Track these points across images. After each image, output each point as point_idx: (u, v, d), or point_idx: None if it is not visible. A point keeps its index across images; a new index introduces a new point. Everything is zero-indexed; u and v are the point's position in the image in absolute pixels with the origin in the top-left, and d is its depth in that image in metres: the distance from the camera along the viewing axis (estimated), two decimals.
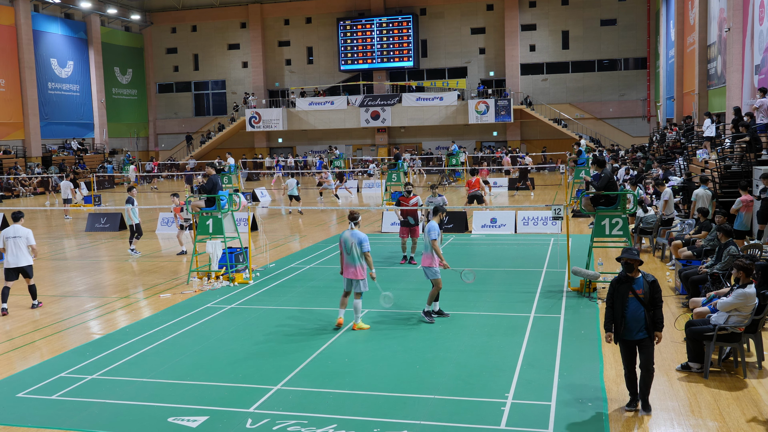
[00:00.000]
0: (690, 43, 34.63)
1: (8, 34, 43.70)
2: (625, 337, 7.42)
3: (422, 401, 7.92)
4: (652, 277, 7.47)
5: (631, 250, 7.54)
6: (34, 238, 12.79)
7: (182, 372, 9.13)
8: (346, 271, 10.65)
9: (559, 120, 48.93)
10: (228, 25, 55.14)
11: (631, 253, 7.48)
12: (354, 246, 10.51)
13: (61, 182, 29.23)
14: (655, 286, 7.42)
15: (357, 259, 10.53)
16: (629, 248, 7.56)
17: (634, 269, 7.47)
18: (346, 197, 33.41)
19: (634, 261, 7.46)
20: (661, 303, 7.40)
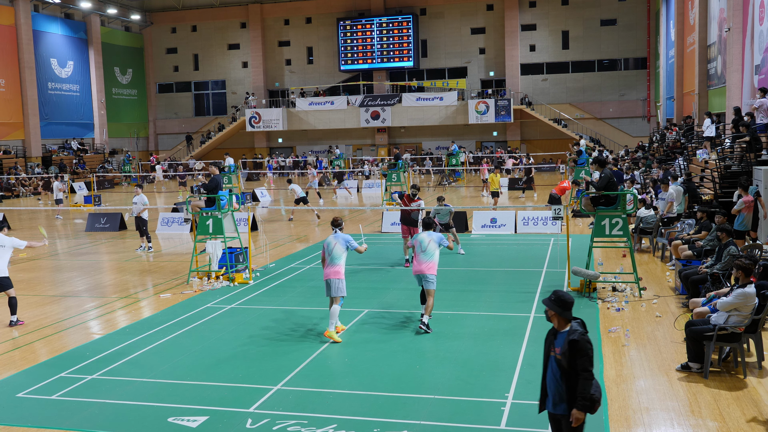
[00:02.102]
0: (690, 43, 34.63)
1: (8, 34, 43.70)
2: (547, 408, 5.78)
3: (422, 401, 7.91)
4: (578, 335, 5.50)
5: (553, 295, 5.68)
6: (20, 240, 12.23)
7: (182, 372, 9.13)
8: (327, 272, 10.35)
9: (559, 120, 48.93)
10: (228, 25, 55.14)
11: (548, 300, 5.69)
12: (337, 246, 10.36)
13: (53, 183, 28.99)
14: (575, 347, 5.46)
15: (336, 258, 10.33)
16: (556, 291, 5.71)
17: (554, 321, 5.69)
18: (346, 197, 33.41)
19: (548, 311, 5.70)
20: (587, 372, 5.45)
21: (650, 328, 10.52)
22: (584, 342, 5.46)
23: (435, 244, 10.67)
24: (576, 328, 5.55)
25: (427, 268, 10.54)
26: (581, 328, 5.57)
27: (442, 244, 10.75)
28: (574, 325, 5.58)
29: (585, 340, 5.47)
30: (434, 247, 10.65)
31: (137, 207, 18.81)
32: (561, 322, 5.64)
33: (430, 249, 10.63)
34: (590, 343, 5.48)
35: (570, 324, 5.61)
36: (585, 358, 5.44)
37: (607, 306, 11.78)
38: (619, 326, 10.56)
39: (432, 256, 10.58)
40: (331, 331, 10.19)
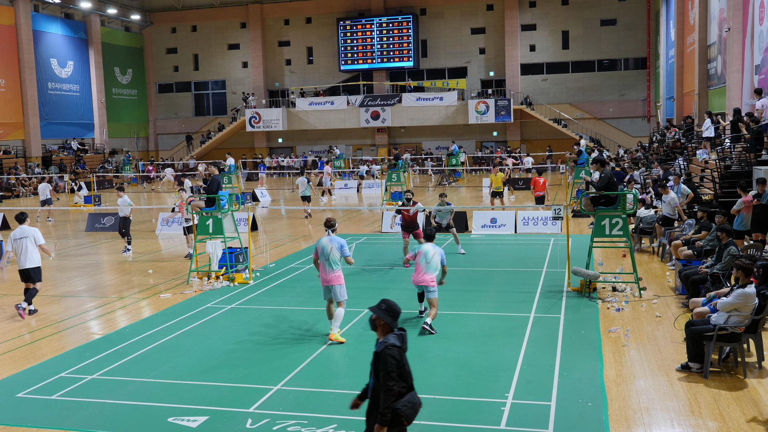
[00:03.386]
0: (690, 43, 34.63)
1: (8, 34, 43.71)
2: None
3: (422, 401, 7.89)
4: (382, 346, 5.32)
5: (383, 304, 5.52)
6: (42, 236, 12.52)
7: (182, 372, 9.13)
8: (327, 277, 10.15)
9: (559, 120, 48.93)
10: (228, 25, 55.15)
11: (377, 308, 5.50)
12: (333, 251, 10.12)
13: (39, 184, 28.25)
14: (376, 359, 5.30)
15: (334, 264, 10.11)
16: (385, 299, 5.57)
17: (378, 329, 5.50)
18: (346, 197, 33.42)
19: (376, 318, 5.52)
20: (386, 386, 5.24)
21: (650, 328, 10.52)
22: (385, 355, 5.24)
23: (438, 258, 10.90)
24: (386, 340, 5.35)
25: (431, 280, 10.75)
26: (396, 341, 5.35)
27: (443, 263, 11.00)
28: (390, 337, 5.38)
29: (387, 353, 5.24)
30: (437, 261, 10.86)
31: (125, 209, 18.79)
32: (384, 331, 5.46)
33: (434, 262, 10.83)
34: (394, 358, 5.25)
35: (387, 335, 5.42)
36: (384, 372, 5.22)
37: (607, 306, 11.78)
38: (619, 326, 10.55)
39: (436, 270, 10.83)
40: (335, 333, 10.14)
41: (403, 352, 5.40)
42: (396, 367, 5.25)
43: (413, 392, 5.45)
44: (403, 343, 5.41)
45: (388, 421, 5.24)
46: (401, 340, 5.40)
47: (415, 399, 5.43)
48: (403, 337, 5.46)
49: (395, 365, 5.24)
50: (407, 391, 5.39)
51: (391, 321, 5.45)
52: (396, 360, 5.26)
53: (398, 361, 5.27)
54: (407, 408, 5.33)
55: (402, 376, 5.31)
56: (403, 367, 5.34)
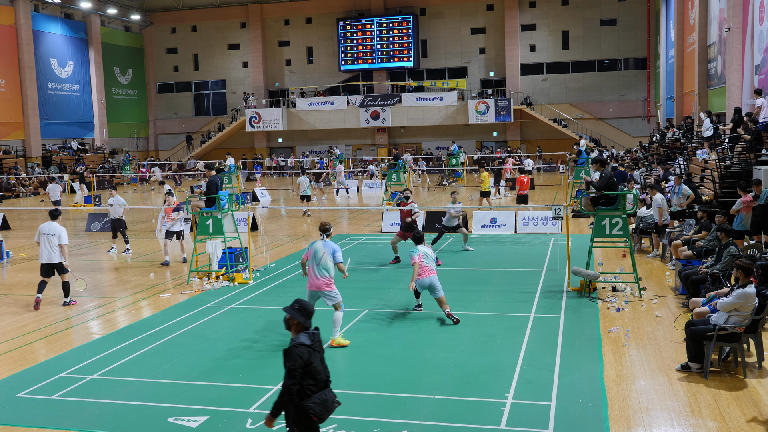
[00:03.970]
0: (690, 43, 34.63)
1: (8, 34, 43.71)
2: None
3: (422, 401, 7.91)
4: (291, 344, 5.55)
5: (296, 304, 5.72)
6: (67, 238, 12.94)
7: (182, 372, 9.13)
8: (316, 283, 9.90)
9: (559, 120, 48.93)
10: (228, 25, 55.15)
11: (290, 308, 5.71)
12: (325, 256, 9.89)
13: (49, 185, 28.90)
14: (284, 355, 5.52)
15: (324, 270, 9.87)
16: (298, 300, 5.80)
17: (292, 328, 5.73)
18: (346, 198, 33.44)
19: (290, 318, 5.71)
20: (286, 384, 5.46)
21: (650, 328, 10.52)
22: (292, 353, 5.44)
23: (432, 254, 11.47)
24: (297, 339, 5.53)
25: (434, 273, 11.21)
26: (306, 340, 5.53)
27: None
28: (302, 336, 5.56)
29: (295, 351, 5.43)
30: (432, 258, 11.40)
31: (118, 209, 18.70)
32: (297, 330, 5.66)
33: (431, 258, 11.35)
34: (301, 357, 5.43)
35: (299, 334, 5.60)
36: (287, 369, 5.44)
37: (607, 306, 11.78)
38: (619, 326, 10.56)
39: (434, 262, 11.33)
40: (336, 338, 9.98)
41: (314, 351, 5.55)
42: (301, 365, 5.44)
43: (327, 390, 5.60)
44: (314, 342, 5.56)
45: (278, 413, 5.50)
46: (312, 339, 5.56)
47: (327, 396, 5.57)
48: (316, 336, 5.62)
49: (301, 364, 5.43)
50: (318, 389, 5.55)
51: (303, 320, 5.63)
52: (302, 359, 5.44)
53: (305, 359, 5.45)
54: (317, 405, 5.48)
55: (310, 374, 5.49)
56: (312, 365, 5.49)
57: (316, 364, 5.53)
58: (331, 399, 5.62)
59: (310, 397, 5.48)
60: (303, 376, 5.48)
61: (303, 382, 5.49)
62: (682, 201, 16.46)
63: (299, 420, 5.49)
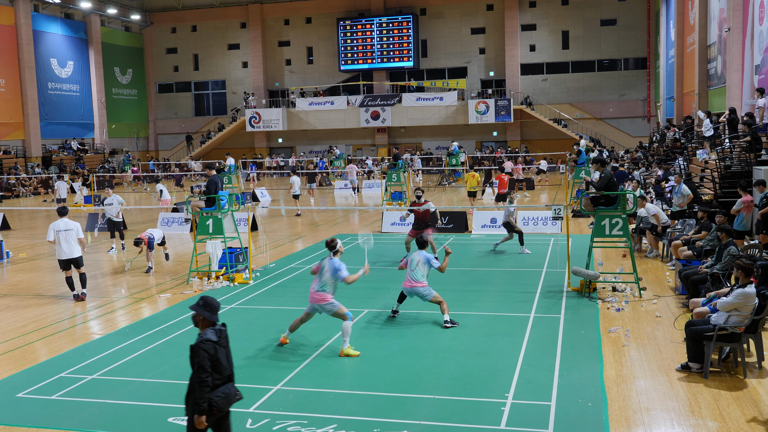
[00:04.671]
0: (690, 43, 34.63)
1: (8, 34, 43.71)
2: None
3: (422, 401, 7.91)
4: (198, 340, 5.69)
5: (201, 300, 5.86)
6: (81, 230, 13.34)
7: (182, 372, 9.12)
8: (316, 297, 9.76)
9: (559, 120, 48.94)
10: (228, 25, 55.15)
11: (196, 305, 5.83)
12: (328, 274, 9.70)
13: (56, 182, 29.44)
14: (191, 352, 5.67)
15: (327, 287, 9.72)
16: (204, 296, 5.91)
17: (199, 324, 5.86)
18: (346, 197, 33.43)
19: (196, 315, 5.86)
20: (200, 379, 5.62)
21: (650, 328, 10.52)
22: (199, 348, 5.62)
23: (423, 265, 11.05)
24: (204, 335, 5.71)
25: (420, 285, 10.93)
26: (213, 335, 5.71)
27: (432, 265, 11.04)
28: (208, 331, 5.74)
29: (201, 347, 5.61)
30: (423, 268, 11.03)
31: (116, 208, 18.74)
32: (204, 326, 5.82)
33: (419, 269, 11.00)
34: (207, 352, 5.61)
35: (206, 330, 5.78)
36: (197, 364, 5.61)
37: (607, 306, 11.78)
38: (619, 326, 10.56)
39: (424, 277, 10.99)
40: (346, 348, 9.58)
41: (220, 347, 5.75)
42: (209, 360, 5.63)
43: (230, 384, 5.87)
44: (220, 338, 5.77)
45: (204, 410, 5.65)
46: (218, 335, 5.77)
47: (229, 390, 5.83)
48: (222, 332, 5.84)
49: (208, 358, 5.62)
50: (222, 383, 5.79)
51: (209, 316, 5.80)
52: (209, 354, 5.64)
53: (212, 354, 5.65)
54: (220, 399, 5.72)
55: (216, 368, 5.70)
56: (218, 360, 5.70)
57: (222, 359, 5.75)
58: (233, 393, 5.86)
59: (214, 391, 5.71)
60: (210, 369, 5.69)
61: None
62: (682, 201, 16.46)
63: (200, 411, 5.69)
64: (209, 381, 5.64)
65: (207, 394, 5.64)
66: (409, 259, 11.23)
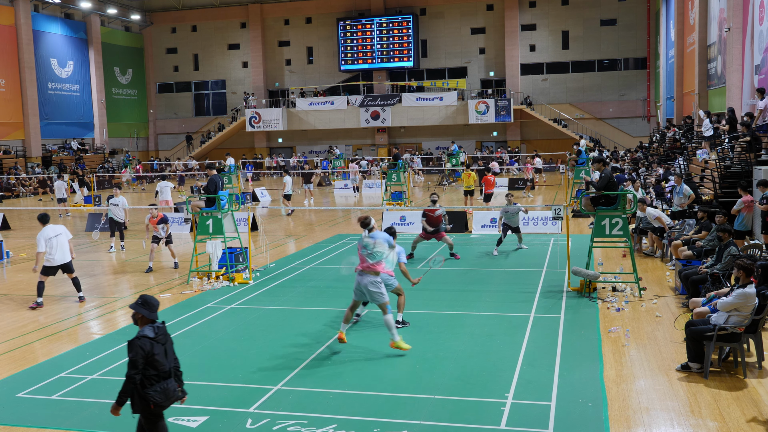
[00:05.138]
0: (690, 43, 34.63)
1: (8, 34, 43.71)
2: None
3: (422, 401, 7.91)
4: (136, 335, 5.87)
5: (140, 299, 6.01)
6: (69, 233, 13.15)
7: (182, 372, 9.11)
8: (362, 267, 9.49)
9: (559, 120, 48.94)
10: (228, 25, 55.16)
11: (135, 304, 5.98)
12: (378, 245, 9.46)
13: (55, 182, 29.48)
14: (128, 347, 5.82)
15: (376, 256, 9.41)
16: (143, 295, 6.06)
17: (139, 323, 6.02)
18: (347, 197, 33.44)
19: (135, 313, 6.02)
20: (128, 374, 5.79)
21: (650, 328, 10.52)
22: (134, 345, 5.77)
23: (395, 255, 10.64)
24: (142, 332, 5.87)
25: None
26: (150, 332, 5.87)
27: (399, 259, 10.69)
28: (146, 328, 5.90)
29: (136, 343, 5.77)
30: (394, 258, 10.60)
31: (120, 208, 18.83)
32: (143, 323, 5.98)
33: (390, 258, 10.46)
34: (143, 348, 5.77)
35: (145, 327, 5.93)
36: (129, 360, 5.77)
37: (607, 306, 11.78)
38: (619, 326, 10.56)
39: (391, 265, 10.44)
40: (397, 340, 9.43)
41: (157, 343, 5.88)
42: (143, 356, 5.78)
43: (169, 380, 5.97)
44: (157, 335, 5.91)
45: (123, 402, 5.89)
46: (156, 332, 5.91)
47: (169, 386, 5.95)
48: (160, 329, 5.98)
49: (142, 355, 5.77)
50: (160, 379, 5.90)
51: (148, 314, 5.95)
52: (144, 350, 5.78)
53: (147, 351, 5.79)
54: (157, 394, 5.86)
55: (152, 365, 5.84)
56: (154, 356, 5.83)
57: (159, 355, 5.86)
58: (172, 389, 5.98)
59: (152, 386, 5.84)
60: (146, 366, 5.81)
61: (145, 372, 5.82)
62: (683, 201, 16.46)
63: (142, 407, 5.89)
64: (137, 378, 5.79)
65: (132, 390, 5.81)
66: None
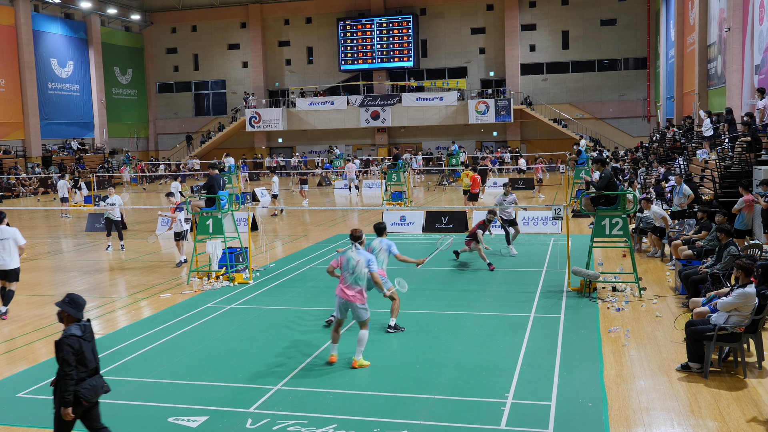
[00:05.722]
0: (690, 43, 34.63)
1: (8, 34, 43.71)
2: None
3: (422, 401, 7.91)
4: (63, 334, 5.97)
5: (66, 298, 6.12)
6: (21, 237, 12.14)
7: (182, 372, 9.13)
8: (343, 293, 9.06)
9: (559, 120, 48.94)
10: (228, 25, 55.16)
11: (62, 302, 6.10)
12: (360, 265, 9.06)
13: (58, 182, 29.55)
14: (56, 347, 5.92)
15: (359, 280, 9.05)
16: (69, 294, 6.16)
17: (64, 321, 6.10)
18: (346, 197, 33.45)
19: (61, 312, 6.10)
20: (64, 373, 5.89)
21: (650, 328, 10.52)
22: (62, 344, 5.88)
23: (386, 252, 10.78)
24: (68, 330, 5.96)
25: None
26: (77, 330, 5.97)
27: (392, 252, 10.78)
28: (73, 327, 6.00)
29: (65, 342, 5.87)
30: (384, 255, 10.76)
31: (116, 208, 18.85)
32: (69, 322, 6.07)
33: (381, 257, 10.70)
34: (71, 346, 5.88)
35: (71, 325, 6.02)
36: (61, 359, 5.88)
37: (607, 306, 11.78)
38: (619, 326, 10.55)
39: (383, 265, 10.69)
40: (359, 358, 9.12)
41: (85, 341, 6.01)
42: (73, 354, 5.89)
43: (97, 376, 6.14)
44: (84, 333, 6.03)
45: (69, 402, 5.92)
46: (83, 330, 6.02)
47: (96, 382, 6.11)
48: (87, 327, 6.09)
49: (72, 353, 5.88)
50: (89, 376, 6.05)
51: (74, 312, 6.07)
52: (73, 348, 5.90)
53: (76, 349, 5.91)
54: (87, 390, 6.00)
55: (81, 362, 5.96)
56: (83, 354, 5.96)
57: (87, 352, 5.99)
58: (99, 385, 6.14)
59: (81, 383, 5.97)
60: (75, 364, 5.93)
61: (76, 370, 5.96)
62: (683, 201, 16.45)
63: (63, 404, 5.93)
64: (74, 374, 5.90)
65: (72, 387, 5.89)
66: (370, 247, 10.75)
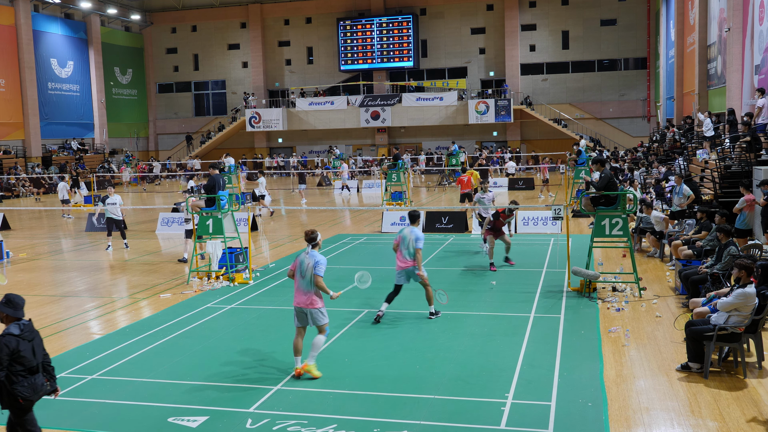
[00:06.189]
0: (690, 43, 34.63)
1: (8, 34, 43.71)
2: None
3: (422, 401, 7.91)
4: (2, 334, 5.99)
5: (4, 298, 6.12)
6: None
7: (182, 372, 9.13)
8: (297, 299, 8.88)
9: (559, 120, 48.95)
10: (228, 25, 55.16)
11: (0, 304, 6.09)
12: (310, 268, 8.87)
13: (58, 183, 29.54)
14: None
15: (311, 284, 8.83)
16: (7, 294, 6.16)
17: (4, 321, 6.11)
18: (346, 197, 33.45)
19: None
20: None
21: (650, 328, 10.52)
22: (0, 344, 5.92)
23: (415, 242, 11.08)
24: (7, 330, 5.96)
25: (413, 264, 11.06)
26: (16, 329, 5.98)
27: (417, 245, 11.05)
28: (12, 326, 6.00)
29: (1, 342, 5.90)
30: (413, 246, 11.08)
31: (117, 207, 18.87)
32: (8, 321, 6.08)
33: (411, 246, 11.08)
34: (8, 346, 5.90)
35: (10, 325, 6.02)
36: None
37: (607, 306, 11.78)
38: (619, 326, 10.55)
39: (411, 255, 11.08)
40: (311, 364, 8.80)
41: (23, 340, 6.01)
42: (8, 354, 5.91)
43: (37, 375, 6.12)
44: (23, 332, 6.02)
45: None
46: (22, 329, 6.03)
47: (36, 381, 6.10)
48: (26, 326, 6.08)
49: (7, 352, 5.91)
50: (27, 375, 6.03)
51: (12, 312, 6.07)
52: (9, 348, 5.92)
53: (12, 348, 5.93)
54: (25, 389, 6.02)
55: (19, 361, 5.97)
56: (20, 353, 5.95)
57: (25, 351, 5.98)
58: (40, 383, 6.13)
59: (19, 382, 5.98)
60: (12, 363, 5.94)
61: (12, 369, 5.94)
62: (683, 201, 16.46)
63: (10, 403, 6.00)
64: (1, 374, 5.92)
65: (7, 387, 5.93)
66: (401, 235, 11.16)
